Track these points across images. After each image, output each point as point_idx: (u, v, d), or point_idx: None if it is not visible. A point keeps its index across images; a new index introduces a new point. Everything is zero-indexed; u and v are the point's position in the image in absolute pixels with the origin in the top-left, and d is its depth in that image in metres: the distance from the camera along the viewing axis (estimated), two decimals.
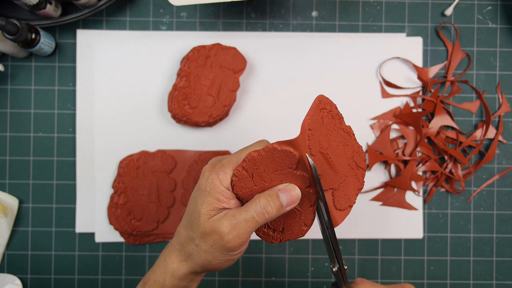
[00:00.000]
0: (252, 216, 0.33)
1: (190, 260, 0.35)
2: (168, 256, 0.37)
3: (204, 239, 0.34)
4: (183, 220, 0.37)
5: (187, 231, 0.35)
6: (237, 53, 0.55)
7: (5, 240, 0.56)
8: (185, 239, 0.35)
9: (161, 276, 0.36)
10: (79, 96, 0.57)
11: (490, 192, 0.59)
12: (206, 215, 0.34)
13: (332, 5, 0.59)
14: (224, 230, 0.33)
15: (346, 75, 0.58)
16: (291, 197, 0.33)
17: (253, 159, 0.33)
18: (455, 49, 0.58)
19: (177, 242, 0.36)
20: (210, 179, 0.34)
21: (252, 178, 0.34)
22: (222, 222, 0.33)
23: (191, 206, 0.35)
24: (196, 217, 0.34)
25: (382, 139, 0.57)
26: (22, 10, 0.55)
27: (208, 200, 0.34)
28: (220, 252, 0.34)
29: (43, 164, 0.57)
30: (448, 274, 0.58)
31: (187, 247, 0.35)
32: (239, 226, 0.33)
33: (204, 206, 0.34)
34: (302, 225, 0.35)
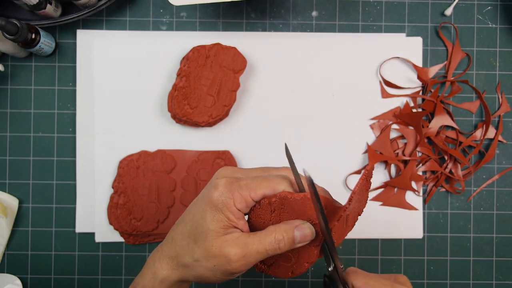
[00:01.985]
0: (265, 250, 0.33)
1: (184, 269, 0.35)
2: (158, 261, 0.36)
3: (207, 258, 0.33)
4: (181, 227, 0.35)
5: (187, 241, 0.34)
6: (237, 53, 0.55)
7: (5, 240, 0.56)
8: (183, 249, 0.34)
9: (150, 281, 0.35)
10: (79, 96, 0.57)
11: (490, 192, 0.59)
12: (215, 232, 0.33)
13: (332, 5, 0.59)
14: (234, 258, 0.32)
15: (346, 75, 0.58)
16: (305, 236, 0.33)
17: (284, 199, 0.33)
18: (455, 49, 0.58)
19: (171, 248, 0.35)
20: (224, 196, 0.33)
21: (272, 213, 0.34)
22: (233, 248, 0.32)
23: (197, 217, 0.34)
24: (203, 232, 0.33)
25: (382, 139, 0.57)
26: (22, 10, 0.55)
27: (218, 217, 0.33)
28: (222, 273, 0.34)
29: (43, 164, 0.57)
30: (448, 274, 0.58)
31: (183, 258, 0.34)
32: (249, 256, 0.33)
33: (214, 223, 0.33)
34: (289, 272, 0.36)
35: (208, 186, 0.35)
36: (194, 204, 0.35)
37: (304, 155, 0.57)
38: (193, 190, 0.55)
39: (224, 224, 0.33)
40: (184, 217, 0.36)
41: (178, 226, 0.36)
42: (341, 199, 0.58)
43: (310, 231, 0.34)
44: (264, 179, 0.34)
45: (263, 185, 0.33)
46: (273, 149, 0.57)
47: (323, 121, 0.57)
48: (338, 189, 0.57)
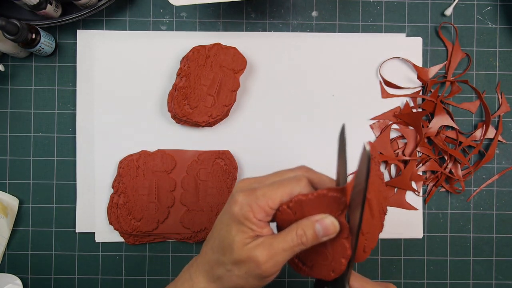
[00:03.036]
0: (290, 246, 0.33)
1: (219, 282, 0.35)
2: (195, 275, 0.36)
3: (238, 266, 0.34)
4: (211, 242, 0.36)
5: (217, 255, 0.35)
6: (237, 53, 0.55)
7: (5, 240, 0.56)
8: (214, 262, 0.35)
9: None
10: (79, 96, 0.57)
11: (490, 192, 0.59)
12: (241, 243, 0.34)
13: (332, 5, 0.59)
14: (262, 259, 0.33)
15: (346, 75, 0.58)
16: (327, 229, 0.33)
17: (300, 202, 0.34)
18: (455, 49, 0.58)
19: (205, 262, 0.36)
20: (244, 209, 0.34)
21: (294, 215, 0.34)
22: (259, 251, 0.33)
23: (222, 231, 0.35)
24: (230, 244, 0.34)
25: (382, 139, 0.57)
26: (22, 10, 0.55)
27: (242, 229, 0.34)
28: (254, 278, 0.34)
29: (43, 164, 0.57)
30: (448, 274, 0.58)
31: (217, 270, 0.35)
32: (276, 255, 0.33)
33: (239, 235, 0.34)
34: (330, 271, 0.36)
35: (229, 201, 0.36)
36: (219, 219, 0.36)
37: (304, 155, 0.57)
38: (193, 190, 0.55)
39: (249, 235, 0.34)
40: (212, 232, 0.37)
41: (209, 241, 0.37)
42: None
43: (332, 223, 0.33)
44: (280, 184, 0.34)
45: (279, 192, 0.34)
46: (273, 149, 0.57)
47: (323, 121, 0.57)
48: None
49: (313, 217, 0.34)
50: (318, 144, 0.57)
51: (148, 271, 0.57)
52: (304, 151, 0.57)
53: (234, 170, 0.55)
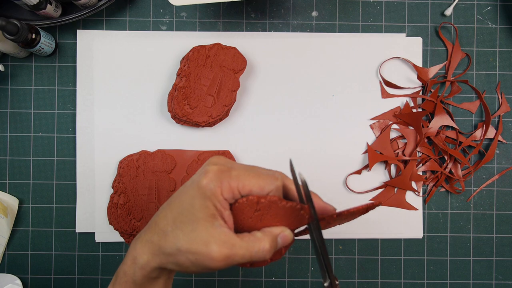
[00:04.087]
0: (250, 256, 0.33)
1: (164, 257, 0.34)
2: (140, 246, 0.35)
3: (190, 251, 0.32)
4: (167, 212, 0.34)
5: (173, 228, 0.33)
6: (237, 53, 0.55)
7: (5, 240, 0.56)
8: (167, 235, 0.33)
9: (131, 267, 0.35)
10: (79, 96, 0.57)
11: (490, 192, 0.59)
12: (203, 220, 0.32)
13: (332, 5, 0.59)
14: (217, 257, 0.32)
15: (346, 75, 0.58)
16: (285, 242, 0.35)
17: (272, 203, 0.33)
18: (455, 49, 0.58)
19: (154, 234, 0.34)
20: (213, 183, 0.33)
21: (255, 211, 0.34)
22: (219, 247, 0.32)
23: (185, 204, 0.33)
24: (191, 220, 0.33)
25: (382, 139, 0.57)
26: (22, 10, 0.55)
27: (206, 205, 0.33)
28: (201, 267, 0.33)
29: (43, 164, 0.57)
30: (448, 274, 0.58)
31: (166, 245, 0.33)
32: (233, 258, 0.32)
33: (202, 211, 0.33)
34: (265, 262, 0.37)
35: (199, 172, 0.34)
36: (182, 190, 0.35)
37: (304, 155, 0.57)
38: None
39: (212, 212, 0.33)
40: (170, 202, 0.35)
41: (163, 211, 0.35)
42: (341, 199, 0.58)
43: (290, 238, 0.35)
44: (256, 175, 0.33)
45: (253, 181, 0.33)
46: (273, 149, 0.57)
47: (323, 121, 0.57)
48: (338, 189, 0.57)
49: (276, 229, 0.34)
50: (318, 144, 0.57)
51: None
52: (304, 151, 0.57)
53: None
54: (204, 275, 0.57)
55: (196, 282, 0.57)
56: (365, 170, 0.58)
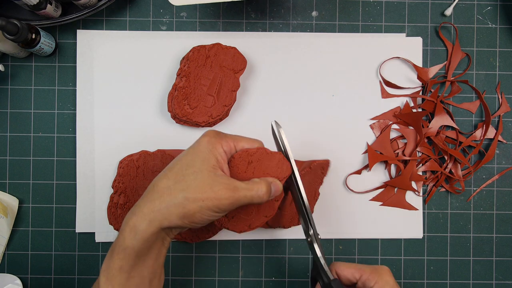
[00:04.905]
0: (251, 196, 0.37)
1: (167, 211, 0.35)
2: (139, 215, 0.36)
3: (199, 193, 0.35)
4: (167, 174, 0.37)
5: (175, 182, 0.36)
6: (237, 53, 0.55)
7: (5, 240, 0.56)
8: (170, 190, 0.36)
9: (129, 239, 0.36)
10: (79, 96, 0.57)
11: (490, 192, 0.59)
12: (206, 170, 0.36)
13: (332, 5, 0.59)
14: (224, 196, 0.36)
15: (346, 75, 0.58)
16: (277, 191, 0.40)
17: (263, 153, 0.40)
18: (455, 49, 0.58)
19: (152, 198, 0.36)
20: (213, 141, 0.37)
21: (248, 164, 0.40)
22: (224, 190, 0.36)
23: (186, 162, 0.37)
24: (194, 172, 0.36)
25: (382, 139, 0.57)
26: (22, 10, 0.55)
27: (209, 158, 0.37)
28: (208, 210, 0.36)
29: (43, 164, 0.57)
30: (448, 274, 0.58)
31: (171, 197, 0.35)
32: (237, 199, 0.37)
33: (205, 164, 0.36)
34: (246, 226, 0.42)
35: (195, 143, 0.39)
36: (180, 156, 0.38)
37: (304, 155, 0.57)
38: None
39: (213, 164, 0.37)
40: (168, 168, 0.38)
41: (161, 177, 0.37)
42: (341, 199, 0.58)
43: (280, 187, 0.40)
44: (244, 138, 0.41)
45: (244, 141, 0.40)
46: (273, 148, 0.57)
47: (323, 121, 0.57)
48: (338, 189, 0.57)
49: (268, 178, 0.40)
50: (318, 143, 0.57)
51: None
52: (304, 151, 0.57)
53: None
54: (204, 275, 0.57)
55: (196, 282, 0.57)
56: (365, 170, 0.58)
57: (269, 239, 0.58)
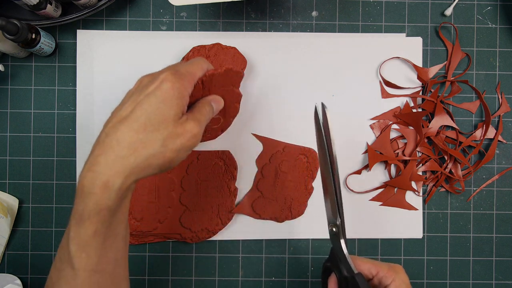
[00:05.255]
0: (207, 118, 0.41)
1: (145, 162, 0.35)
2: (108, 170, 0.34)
3: (175, 138, 0.36)
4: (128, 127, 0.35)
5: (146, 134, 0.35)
6: (237, 53, 0.55)
7: (5, 240, 0.56)
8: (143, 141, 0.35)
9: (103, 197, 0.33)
10: (79, 96, 0.57)
11: (490, 192, 0.59)
12: (177, 116, 0.37)
13: (332, 5, 0.59)
14: (196, 131, 0.37)
15: (346, 75, 0.58)
16: (218, 105, 0.44)
17: (212, 76, 0.42)
18: (455, 49, 0.58)
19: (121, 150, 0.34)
20: (177, 85, 0.37)
21: (203, 89, 0.42)
22: (192, 125, 0.37)
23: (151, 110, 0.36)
24: (165, 120, 0.36)
25: (382, 139, 0.57)
26: (22, 10, 0.55)
27: (177, 103, 0.36)
28: (186, 150, 0.37)
29: (43, 164, 0.57)
30: (448, 274, 0.58)
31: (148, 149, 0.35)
32: (202, 126, 0.39)
33: (173, 110, 0.36)
34: (219, 131, 0.52)
35: (153, 82, 0.37)
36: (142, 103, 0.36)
37: None
38: (193, 190, 0.55)
39: (182, 109, 0.37)
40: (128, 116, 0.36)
41: (120, 128, 0.35)
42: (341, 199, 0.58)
43: (221, 100, 0.45)
44: (194, 62, 0.41)
45: (198, 69, 0.40)
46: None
47: None
48: None
49: (210, 96, 0.43)
50: None
51: (148, 271, 0.57)
52: None
53: (234, 170, 0.56)
54: (204, 275, 0.57)
55: (196, 282, 0.57)
56: (365, 170, 0.58)
57: (269, 239, 0.58)
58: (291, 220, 0.57)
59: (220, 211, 0.55)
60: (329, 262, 0.42)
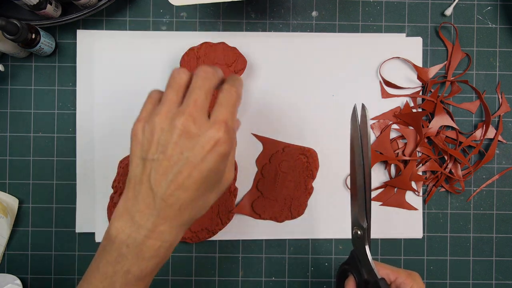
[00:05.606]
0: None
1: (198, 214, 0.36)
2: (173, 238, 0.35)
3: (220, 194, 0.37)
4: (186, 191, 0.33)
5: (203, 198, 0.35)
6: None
7: (5, 240, 0.56)
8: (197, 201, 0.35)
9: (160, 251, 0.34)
10: (79, 96, 0.57)
11: (490, 192, 0.59)
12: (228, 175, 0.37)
13: (332, 5, 0.59)
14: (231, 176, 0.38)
15: (346, 75, 0.58)
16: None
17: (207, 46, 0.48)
18: (455, 49, 0.58)
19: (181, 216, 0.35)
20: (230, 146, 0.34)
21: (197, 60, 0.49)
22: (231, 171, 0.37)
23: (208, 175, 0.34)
24: (219, 178, 0.36)
25: (382, 139, 0.57)
26: (22, 10, 0.55)
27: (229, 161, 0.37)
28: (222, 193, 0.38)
29: (43, 164, 0.57)
30: (448, 274, 0.58)
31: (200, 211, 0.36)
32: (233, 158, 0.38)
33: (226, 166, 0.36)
34: None
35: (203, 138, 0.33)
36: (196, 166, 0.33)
37: None
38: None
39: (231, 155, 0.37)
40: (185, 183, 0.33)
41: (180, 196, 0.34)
42: (341, 199, 0.58)
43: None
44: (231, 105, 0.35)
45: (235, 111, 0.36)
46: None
47: (323, 121, 0.57)
48: (339, 189, 0.57)
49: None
50: (318, 144, 0.57)
51: None
52: None
53: (235, 170, 0.55)
54: (204, 275, 0.57)
55: (196, 282, 0.57)
56: None
57: (269, 239, 0.58)
58: (291, 220, 0.57)
59: (220, 211, 0.55)
60: (347, 265, 0.42)
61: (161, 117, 0.35)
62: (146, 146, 0.35)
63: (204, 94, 0.35)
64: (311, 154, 0.56)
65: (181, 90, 0.36)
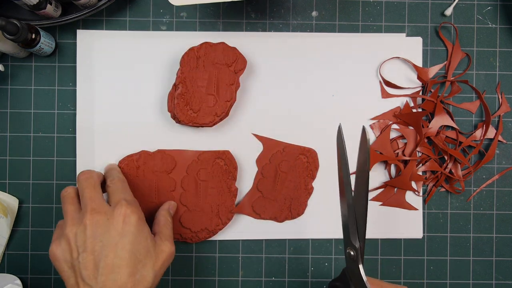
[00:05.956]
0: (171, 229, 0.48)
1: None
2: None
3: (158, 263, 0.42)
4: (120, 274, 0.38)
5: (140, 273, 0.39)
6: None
7: (5, 240, 0.56)
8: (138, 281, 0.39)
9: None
10: (79, 96, 0.57)
11: (490, 192, 0.59)
12: (152, 242, 0.42)
13: (332, 5, 0.59)
14: (173, 248, 0.45)
15: (346, 75, 0.58)
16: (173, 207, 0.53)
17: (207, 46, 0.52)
18: (455, 49, 0.58)
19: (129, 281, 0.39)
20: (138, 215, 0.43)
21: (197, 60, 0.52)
22: (168, 243, 0.44)
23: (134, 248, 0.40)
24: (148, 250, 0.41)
25: (382, 139, 0.57)
26: (22, 10, 0.55)
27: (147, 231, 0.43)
28: (166, 267, 0.44)
29: (43, 164, 0.57)
30: (448, 274, 0.58)
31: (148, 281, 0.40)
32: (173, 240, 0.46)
33: (149, 237, 0.42)
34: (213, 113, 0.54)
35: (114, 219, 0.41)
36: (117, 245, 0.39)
37: None
38: (193, 190, 0.55)
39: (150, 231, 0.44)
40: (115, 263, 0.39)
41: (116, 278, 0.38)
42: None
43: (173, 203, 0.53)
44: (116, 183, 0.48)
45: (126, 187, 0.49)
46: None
47: (323, 121, 0.57)
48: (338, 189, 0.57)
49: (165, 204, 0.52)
50: (318, 144, 0.57)
51: None
52: None
53: (234, 170, 0.56)
54: (204, 275, 0.57)
55: (196, 282, 0.57)
56: None
57: (269, 239, 0.58)
58: (291, 220, 0.57)
59: (220, 211, 0.55)
60: (338, 282, 0.42)
61: (69, 227, 0.40)
62: (68, 256, 0.39)
63: (93, 189, 0.42)
64: (311, 154, 0.56)
65: (75, 200, 0.43)
